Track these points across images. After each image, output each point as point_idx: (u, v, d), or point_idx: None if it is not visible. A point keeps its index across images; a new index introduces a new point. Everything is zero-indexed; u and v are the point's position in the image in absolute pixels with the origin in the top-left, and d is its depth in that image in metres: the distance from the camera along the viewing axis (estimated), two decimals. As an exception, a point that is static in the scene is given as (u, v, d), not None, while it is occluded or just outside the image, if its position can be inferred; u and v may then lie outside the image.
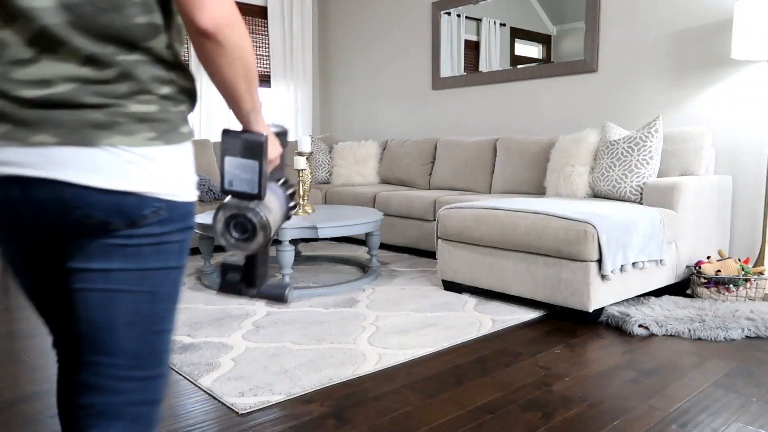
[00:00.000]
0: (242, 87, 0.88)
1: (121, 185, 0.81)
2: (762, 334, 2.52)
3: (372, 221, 3.48)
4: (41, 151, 0.79)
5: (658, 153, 3.33)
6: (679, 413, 1.82)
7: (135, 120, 0.82)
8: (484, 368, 2.20)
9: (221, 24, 0.81)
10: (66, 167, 0.80)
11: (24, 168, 0.80)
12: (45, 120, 0.79)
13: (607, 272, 2.63)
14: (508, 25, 4.68)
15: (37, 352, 2.39)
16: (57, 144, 0.79)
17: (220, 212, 0.94)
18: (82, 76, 0.79)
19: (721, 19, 3.51)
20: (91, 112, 0.80)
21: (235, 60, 0.85)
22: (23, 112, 0.79)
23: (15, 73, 0.79)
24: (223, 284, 1.07)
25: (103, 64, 0.80)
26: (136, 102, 0.82)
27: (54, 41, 0.78)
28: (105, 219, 0.82)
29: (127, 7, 0.80)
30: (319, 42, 6.54)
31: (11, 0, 0.77)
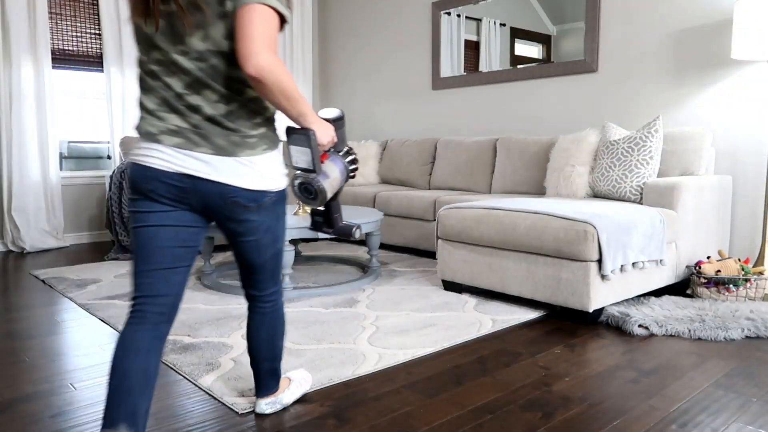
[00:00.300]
0: (284, 105, 1.34)
1: (256, 186, 1.41)
2: (762, 334, 2.52)
3: (372, 221, 3.48)
4: (205, 160, 1.35)
5: (658, 153, 3.33)
6: (679, 413, 1.82)
7: (257, 139, 1.39)
8: (484, 368, 2.20)
9: (261, 70, 1.27)
10: (224, 174, 1.36)
11: (195, 171, 1.35)
12: (204, 136, 1.35)
13: (607, 272, 2.63)
14: (508, 25, 4.68)
15: (37, 352, 2.39)
16: (214, 153, 1.35)
17: (294, 181, 1.46)
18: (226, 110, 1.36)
19: (721, 19, 3.51)
20: (229, 133, 1.36)
21: (274, 90, 1.30)
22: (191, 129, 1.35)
23: (184, 101, 1.35)
24: (313, 223, 1.62)
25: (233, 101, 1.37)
26: (254, 124, 1.39)
27: (201, 84, 1.35)
28: (246, 203, 1.41)
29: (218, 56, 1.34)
30: (319, 42, 6.54)
31: (177, 61, 1.33)
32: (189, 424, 1.76)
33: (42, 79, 4.74)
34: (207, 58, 1.34)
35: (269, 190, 1.44)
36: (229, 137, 1.36)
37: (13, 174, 4.70)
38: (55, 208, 4.92)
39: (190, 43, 1.33)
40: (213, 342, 2.48)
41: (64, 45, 4.94)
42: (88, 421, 1.78)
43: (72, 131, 5.18)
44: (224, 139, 1.36)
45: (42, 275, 3.78)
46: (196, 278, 3.67)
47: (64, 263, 4.25)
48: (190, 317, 2.84)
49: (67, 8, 4.93)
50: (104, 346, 2.46)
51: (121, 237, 4.40)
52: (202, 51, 1.33)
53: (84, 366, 2.24)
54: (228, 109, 1.36)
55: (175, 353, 2.34)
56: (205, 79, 1.34)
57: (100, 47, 5.10)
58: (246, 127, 1.38)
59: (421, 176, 5.04)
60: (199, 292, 3.33)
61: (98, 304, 3.08)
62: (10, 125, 4.66)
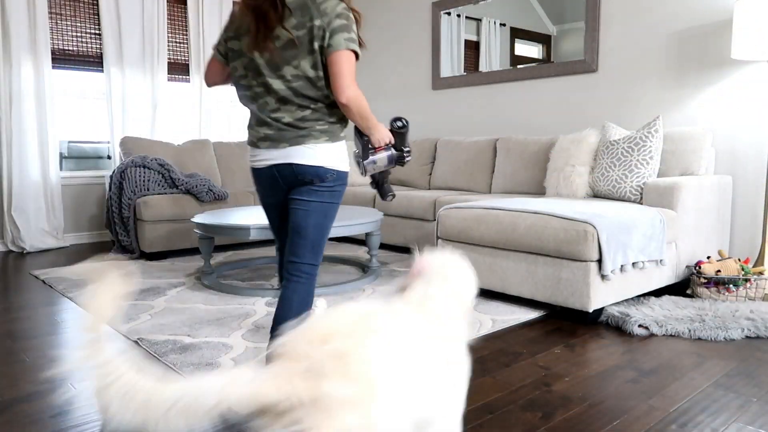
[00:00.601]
0: (360, 122, 1.87)
1: (316, 162, 1.83)
2: (762, 334, 2.52)
3: (372, 221, 3.48)
4: (283, 151, 1.85)
5: (658, 153, 3.33)
6: (679, 413, 1.82)
7: (319, 132, 1.85)
8: (484, 368, 2.20)
9: (349, 100, 1.79)
10: (294, 157, 1.84)
11: (277, 160, 1.86)
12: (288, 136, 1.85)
13: (607, 272, 2.63)
14: (508, 25, 4.68)
15: (37, 352, 2.39)
16: (290, 146, 1.84)
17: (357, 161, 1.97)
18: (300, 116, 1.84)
19: (721, 19, 3.51)
20: (300, 131, 1.84)
21: (356, 113, 1.83)
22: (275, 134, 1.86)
23: (272, 115, 1.85)
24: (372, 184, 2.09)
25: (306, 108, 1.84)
26: (319, 124, 1.85)
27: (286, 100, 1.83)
28: (311, 178, 1.85)
29: (316, 87, 1.82)
30: (319, 42, 6.54)
31: (272, 84, 1.82)
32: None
33: (42, 79, 4.74)
34: (293, 82, 1.83)
35: (328, 167, 1.89)
36: (300, 133, 1.87)
37: (13, 174, 4.70)
38: (55, 208, 4.92)
39: (284, 71, 1.82)
40: (213, 342, 2.48)
41: (64, 45, 4.94)
42: (88, 421, 1.78)
43: (72, 131, 5.18)
44: (297, 135, 1.87)
45: (42, 275, 3.78)
46: (196, 278, 3.67)
47: (64, 263, 4.25)
48: (190, 317, 2.84)
49: (67, 8, 4.93)
50: (104, 346, 2.46)
51: (121, 237, 4.40)
52: (292, 77, 1.82)
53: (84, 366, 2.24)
54: (302, 115, 1.86)
55: (175, 353, 2.34)
56: (290, 97, 1.84)
57: (100, 47, 5.10)
58: (312, 126, 1.87)
59: (421, 176, 5.04)
60: (199, 292, 3.33)
61: (98, 304, 3.07)
62: (10, 125, 4.66)
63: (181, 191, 4.54)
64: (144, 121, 5.31)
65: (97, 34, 5.09)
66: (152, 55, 5.29)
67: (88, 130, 5.26)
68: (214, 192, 4.56)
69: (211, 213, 3.76)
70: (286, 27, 1.80)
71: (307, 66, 1.82)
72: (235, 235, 3.26)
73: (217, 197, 4.58)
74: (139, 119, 5.28)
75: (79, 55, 5.02)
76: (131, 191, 4.38)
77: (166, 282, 3.58)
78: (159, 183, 4.51)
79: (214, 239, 3.61)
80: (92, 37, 5.07)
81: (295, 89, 1.83)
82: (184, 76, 5.61)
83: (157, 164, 4.53)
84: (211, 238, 3.57)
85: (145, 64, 5.27)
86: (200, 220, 3.44)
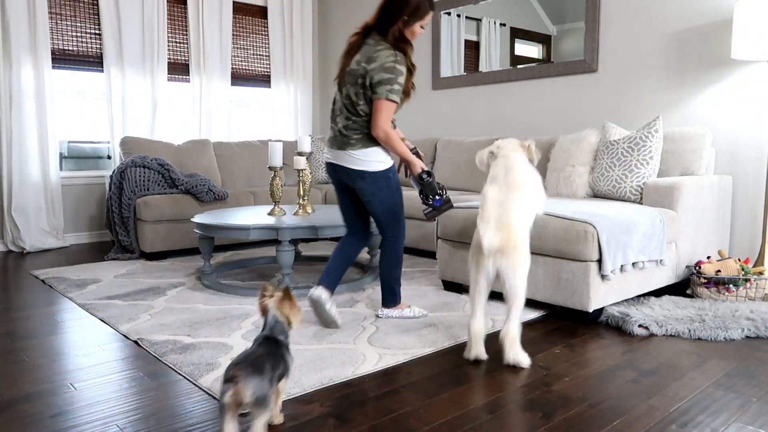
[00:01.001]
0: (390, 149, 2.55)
1: (354, 167, 2.54)
2: (762, 334, 2.52)
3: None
4: (335, 153, 2.61)
5: (658, 153, 3.33)
6: (679, 413, 1.82)
7: (356, 141, 2.54)
8: (484, 368, 2.20)
9: (379, 136, 2.49)
10: (340, 159, 2.59)
11: (332, 159, 2.63)
12: (338, 142, 2.59)
13: (607, 272, 2.63)
14: (508, 25, 4.68)
15: (37, 352, 2.39)
16: (338, 150, 2.59)
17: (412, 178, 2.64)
18: (345, 124, 2.56)
19: (721, 19, 3.51)
20: (344, 138, 2.56)
21: (385, 142, 2.51)
22: (333, 138, 2.63)
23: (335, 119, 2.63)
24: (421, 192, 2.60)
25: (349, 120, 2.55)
26: (356, 134, 2.53)
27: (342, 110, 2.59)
28: (353, 177, 2.55)
29: (356, 108, 2.51)
30: (319, 42, 6.55)
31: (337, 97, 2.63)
32: (189, 424, 1.76)
33: (42, 79, 4.74)
34: (345, 99, 2.57)
35: (364, 170, 2.55)
36: (344, 141, 2.57)
37: (13, 174, 4.70)
38: (55, 208, 4.92)
39: (345, 90, 2.58)
40: (213, 342, 2.48)
41: (64, 45, 4.94)
42: (88, 421, 1.78)
43: (72, 131, 5.18)
44: (342, 142, 2.58)
45: (42, 275, 3.78)
46: (196, 278, 3.67)
47: (64, 263, 4.25)
48: (190, 317, 2.84)
49: (67, 8, 4.93)
50: (104, 346, 2.46)
51: (121, 237, 4.40)
52: (345, 95, 2.57)
53: (84, 366, 2.24)
54: (346, 124, 2.56)
55: (175, 353, 2.34)
56: (343, 109, 2.58)
57: (100, 47, 5.10)
58: (351, 135, 2.56)
59: (421, 176, 5.04)
60: (199, 292, 3.33)
61: (98, 304, 3.08)
62: (10, 125, 4.66)
63: (181, 191, 4.54)
64: (144, 121, 5.31)
65: (97, 34, 5.09)
66: (152, 55, 5.29)
67: (88, 130, 5.26)
68: (214, 192, 4.56)
69: (211, 213, 3.76)
70: (353, 59, 2.57)
71: (352, 92, 2.53)
72: (235, 235, 3.26)
73: (217, 197, 4.58)
74: (139, 119, 5.28)
75: (79, 55, 5.02)
76: (131, 191, 4.38)
77: (166, 282, 3.58)
78: (159, 183, 4.51)
79: (214, 239, 3.61)
80: (92, 37, 5.07)
81: (346, 105, 2.56)
82: (184, 76, 5.62)
83: (157, 164, 4.53)
84: (211, 238, 3.57)
85: (145, 64, 5.27)
86: (200, 220, 3.44)
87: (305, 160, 3.66)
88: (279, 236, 3.17)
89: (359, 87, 2.48)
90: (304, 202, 3.68)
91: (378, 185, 2.55)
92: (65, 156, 5.17)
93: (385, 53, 2.45)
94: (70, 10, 4.95)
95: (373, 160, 2.53)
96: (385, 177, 2.56)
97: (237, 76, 5.96)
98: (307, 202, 3.70)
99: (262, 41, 6.13)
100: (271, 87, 6.18)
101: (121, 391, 2.00)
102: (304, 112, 6.37)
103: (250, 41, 6.05)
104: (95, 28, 5.07)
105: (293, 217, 3.48)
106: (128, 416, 1.81)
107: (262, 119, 6.26)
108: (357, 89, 2.49)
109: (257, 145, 5.58)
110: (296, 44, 6.22)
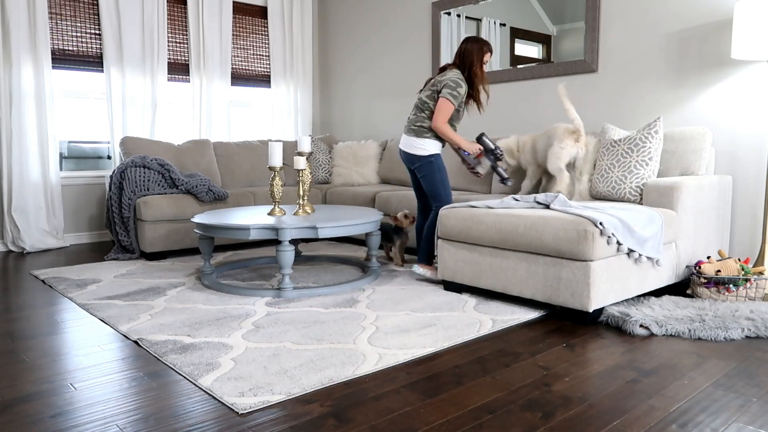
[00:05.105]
0: (447, 141, 3.50)
1: (412, 152, 3.52)
2: (762, 334, 2.52)
3: (372, 221, 3.48)
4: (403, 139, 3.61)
5: (657, 154, 3.33)
6: (679, 413, 1.82)
7: (415, 128, 3.52)
8: (484, 368, 2.20)
9: (435, 128, 3.44)
10: (401, 142, 3.61)
11: (401, 145, 3.61)
12: (405, 129, 3.60)
13: (626, 250, 2.73)
14: (508, 25, 4.68)
15: (37, 352, 2.39)
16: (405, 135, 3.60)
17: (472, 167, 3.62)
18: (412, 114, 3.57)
19: (721, 19, 3.51)
20: (409, 124, 3.56)
21: (442, 135, 3.47)
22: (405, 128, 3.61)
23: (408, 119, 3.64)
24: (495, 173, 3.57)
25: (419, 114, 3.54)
26: (415, 124, 3.53)
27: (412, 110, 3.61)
28: (412, 159, 3.54)
29: (423, 104, 3.52)
30: (319, 42, 6.55)
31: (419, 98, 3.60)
32: (189, 424, 1.76)
33: (42, 79, 4.75)
34: (419, 102, 3.51)
35: (419, 154, 3.47)
36: (408, 126, 3.53)
37: (13, 174, 4.70)
38: (55, 208, 4.92)
39: (421, 96, 3.52)
40: (213, 342, 2.48)
41: (64, 45, 4.94)
42: (88, 421, 1.78)
43: (72, 131, 5.18)
44: (406, 128, 3.54)
45: (42, 275, 3.78)
46: (196, 278, 3.67)
47: (64, 263, 4.25)
48: (190, 317, 2.84)
49: (67, 8, 4.93)
50: (104, 346, 2.46)
51: (121, 237, 4.40)
52: (421, 99, 3.51)
53: (84, 366, 2.24)
54: (417, 117, 3.50)
55: (175, 353, 2.34)
56: (415, 108, 3.53)
57: (100, 47, 5.10)
58: (413, 122, 3.50)
59: (421, 176, 5.05)
60: (199, 292, 3.33)
61: (98, 304, 3.08)
62: (10, 125, 4.66)
63: (181, 191, 4.54)
64: (144, 121, 5.31)
65: (97, 34, 5.09)
66: (152, 55, 5.29)
67: (88, 130, 5.26)
68: (214, 192, 4.56)
69: (211, 213, 3.76)
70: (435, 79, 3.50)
71: (424, 96, 3.50)
72: (235, 235, 3.26)
73: (217, 197, 4.58)
74: (139, 119, 5.28)
75: (79, 55, 5.02)
76: (131, 191, 4.38)
77: (166, 282, 3.58)
78: (159, 183, 4.51)
79: (214, 239, 3.61)
80: (92, 37, 5.07)
81: (418, 104, 3.53)
82: (184, 76, 5.62)
83: (157, 164, 4.53)
84: (211, 238, 3.57)
85: (145, 64, 5.27)
86: (200, 220, 3.44)
87: (305, 160, 3.66)
88: (279, 236, 3.17)
89: (434, 93, 3.45)
90: (304, 202, 3.68)
91: (429, 168, 3.47)
92: (65, 156, 5.17)
93: (454, 72, 3.45)
94: (70, 10, 4.95)
95: (421, 147, 3.45)
96: (431, 162, 3.46)
97: (237, 76, 5.97)
98: (307, 202, 3.70)
99: (262, 41, 6.13)
100: (271, 87, 6.18)
101: (121, 391, 2.00)
102: (304, 112, 6.36)
103: (250, 41, 6.05)
104: (95, 28, 5.07)
105: (293, 217, 3.48)
106: (128, 416, 1.81)
107: (262, 119, 6.26)
108: (431, 94, 3.46)
109: (257, 145, 5.58)
110: (296, 44, 6.22)
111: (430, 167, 3.45)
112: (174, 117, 5.56)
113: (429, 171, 3.45)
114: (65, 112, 5.10)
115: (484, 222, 3.02)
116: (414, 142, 3.45)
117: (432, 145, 3.44)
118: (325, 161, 5.56)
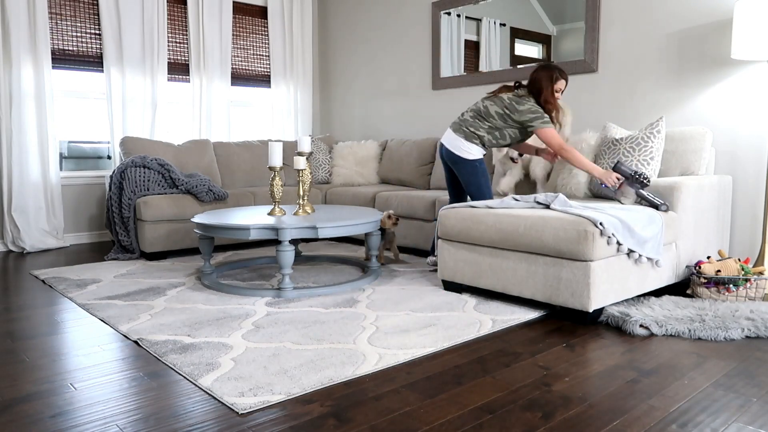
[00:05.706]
0: (578, 167, 3.30)
1: (456, 152, 3.52)
2: (762, 334, 2.52)
3: (372, 221, 3.48)
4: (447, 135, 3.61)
5: (659, 154, 3.33)
6: (679, 413, 1.82)
7: (468, 132, 3.49)
8: (484, 368, 2.20)
9: (563, 156, 3.30)
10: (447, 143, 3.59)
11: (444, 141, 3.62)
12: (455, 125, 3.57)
13: (626, 250, 2.72)
14: (508, 25, 4.68)
15: (37, 352, 2.39)
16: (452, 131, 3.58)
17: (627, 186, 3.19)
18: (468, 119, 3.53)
19: (721, 19, 3.51)
20: (463, 126, 3.52)
21: (572, 162, 3.29)
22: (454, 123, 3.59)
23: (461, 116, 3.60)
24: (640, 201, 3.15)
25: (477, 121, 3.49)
26: (473, 129, 3.48)
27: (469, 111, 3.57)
28: (454, 159, 3.54)
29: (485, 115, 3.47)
30: (319, 42, 6.55)
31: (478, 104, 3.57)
32: (189, 424, 1.76)
33: (42, 79, 4.75)
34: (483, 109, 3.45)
35: (463, 157, 3.49)
36: (462, 129, 3.50)
37: (13, 174, 4.70)
38: (55, 208, 4.92)
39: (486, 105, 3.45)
40: (213, 342, 2.48)
41: (64, 45, 4.94)
42: (88, 421, 1.78)
43: (72, 131, 5.18)
44: (460, 129, 3.51)
45: (42, 275, 3.78)
46: (196, 278, 3.67)
47: (64, 263, 4.25)
48: (190, 317, 2.84)
49: (67, 8, 4.93)
50: (104, 346, 2.46)
51: (121, 237, 4.40)
52: (486, 107, 3.45)
53: (84, 366, 2.24)
54: (474, 123, 3.47)
55: (175, 353, 2.34)
56: (482, 113, 3.46)
57: (100, 47, 5.10)
58: (470, 129, 3.47)
59: (421, 176, 5.04)
60: (199, 292, 3.33)
61: (98, 304, 3.08)
62: (10, 125, 4.66)
63: (181, 191, 4.54)
64: (144, 121, 5.31)
65: (97, 34, 5.09)
66: (152, 55, 5.29)
67: (88, 130, 5.26)
68: (214, 192, 4.56)
69: (211, 213, 3.76)
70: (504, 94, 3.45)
71: (493, 110, 3.43)
72: (235, 235, 3.26)
73: (217, 197, 4.58)
74: (139, 119, 5.28)
75: (79, 55, 5.02)
76: (131, 191, 4.38)
77: (166, 282, 3.58)
78: (159, 183, 4.51)
79: (214, 239, 3.61)
80: (92, 37, 5.07)
81: (480, 110, 3.48)
82: (184, 76, 5.62)
83: (157, 164, 4.53)
84: (211, 238, 3.57)
85: (145, 64, 5.27)
86: (200, 220, 3.44)
87: (305, 160, 3.66)
88: (279, 236, 3.17)
89: (506, 116, 3.39)
90: (304, 202, 3.68)
91: (468, 170, 3.51)
92: (65, 156, 5.17)
93: (530, 103, 3.35)
94: (70, 10, 4.95)
95: (465, 150, 3.47)
96: (472, 165, 3.50)
97: (237, 76, 5.97)
98: (307, 202, 3.70)
99: (262, 41, 6.13)
100: (271, 87, 6.18)
101: (121, 391, 2.00)
102: (304, 112, 6.36)
103: (250, 41, 6.05)
104: (95, 28, 5.07)
105: (293, 217, 3.48)
106: (128, 416, 1.81)
107: (262, 119, 6.26)
108: (504, 115, 3.39)
109: (257, 145, 5.58)
110: (296, 44, 6.22)
111: (474, 171, 3.49)
112: (174, 117, 5.56)
113: (473, 174, 3.49)
114: (65, 112, 5.10)
115: (484, 222, 3.02)
116: (461, 144, 3.46)
117: (477, 151, 3.47)
118: (325, 161, 5.56)
